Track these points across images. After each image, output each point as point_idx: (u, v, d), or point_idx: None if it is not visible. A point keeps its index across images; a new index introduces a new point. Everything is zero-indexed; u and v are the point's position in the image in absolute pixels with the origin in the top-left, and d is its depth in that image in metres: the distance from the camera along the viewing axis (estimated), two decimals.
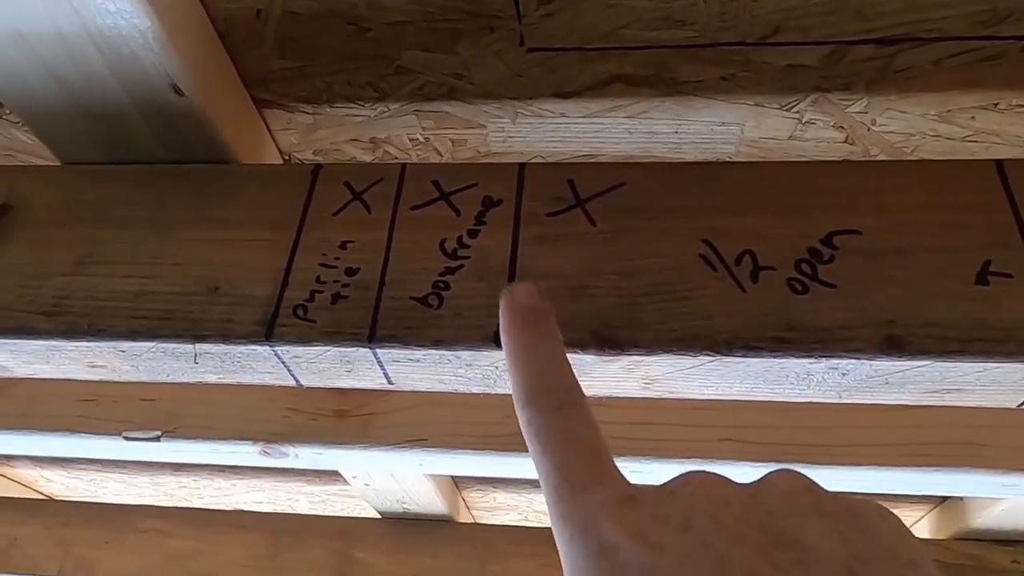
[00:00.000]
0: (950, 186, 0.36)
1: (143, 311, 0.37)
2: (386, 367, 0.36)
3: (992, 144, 0.43)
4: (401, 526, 1.00)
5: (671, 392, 0.36)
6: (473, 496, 1.12)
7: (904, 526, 0.23)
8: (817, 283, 0.34)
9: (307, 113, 0.45)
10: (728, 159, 0.45)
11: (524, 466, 0.46)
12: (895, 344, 0.32)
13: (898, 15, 0.36)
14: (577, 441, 0.27)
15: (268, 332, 0.35)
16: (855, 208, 0.36)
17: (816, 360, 0.32)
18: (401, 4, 0.38)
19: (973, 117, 0.41)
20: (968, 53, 0.37)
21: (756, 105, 0.41)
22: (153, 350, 0.37)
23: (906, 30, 0.37)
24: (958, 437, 0.43)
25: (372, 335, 0.35)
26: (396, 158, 0.47)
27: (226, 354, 0.36)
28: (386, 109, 0.44)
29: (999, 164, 0.36)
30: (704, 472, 0.25)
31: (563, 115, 0.43)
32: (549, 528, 0.26)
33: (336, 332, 0.35)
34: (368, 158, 0.48)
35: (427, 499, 0.93)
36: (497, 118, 0.44)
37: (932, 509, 0.98)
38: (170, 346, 0.36)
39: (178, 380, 0.40)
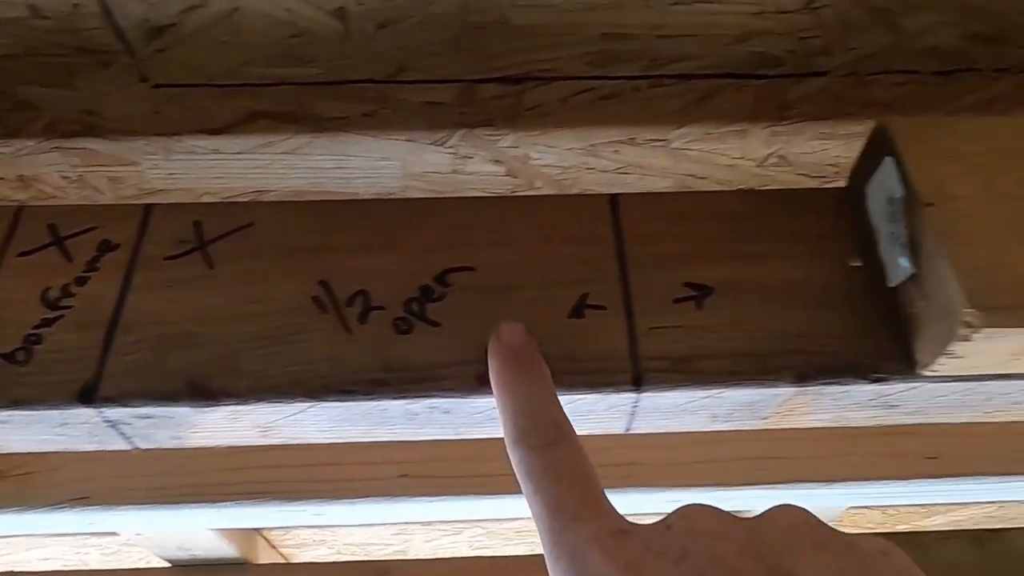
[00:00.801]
0: (564, 220, 0.37)
1: None
2: None
3: (644, 176, 0.45)
4: (193, 574, 0.94)
5: (290, 439, 0.35)
6: (275, 534, 1.07)
7: (912, 565, 0.23)
8: (423, 322, 0.34)
9: None
10: (398, 193, 0.45)
11: (187, 519, 0.44)
12: (486, 382, 0.32)
13: (516, 55, 0.37)
14: (568, 476, 0.26)
15: None
16: (474, 244, 0.36)
17: (412, 400, 0.32)
18: (2, 38, 0.35)
19: (616, 151, 0.43)
20: (587, 92, 0.39)
21: (408, 140, 0.41)
22: None
23: (526, 69, 0.38)
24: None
25: None
26: (53, 196, 0.44)
27: None
28: (23, 146, 0.41)
29: (613, 198, 0.38)
30: (702, 505, 0.25)
31: (217, 151, 0.42)
32: (357, 561, 0.24)
33: None
34: (22, 196, 0.44)
35: (211, 543, 0.88)
36: (149, 155, 0.42)
37: None
38: None
39: None
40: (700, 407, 0.34)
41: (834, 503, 0.46)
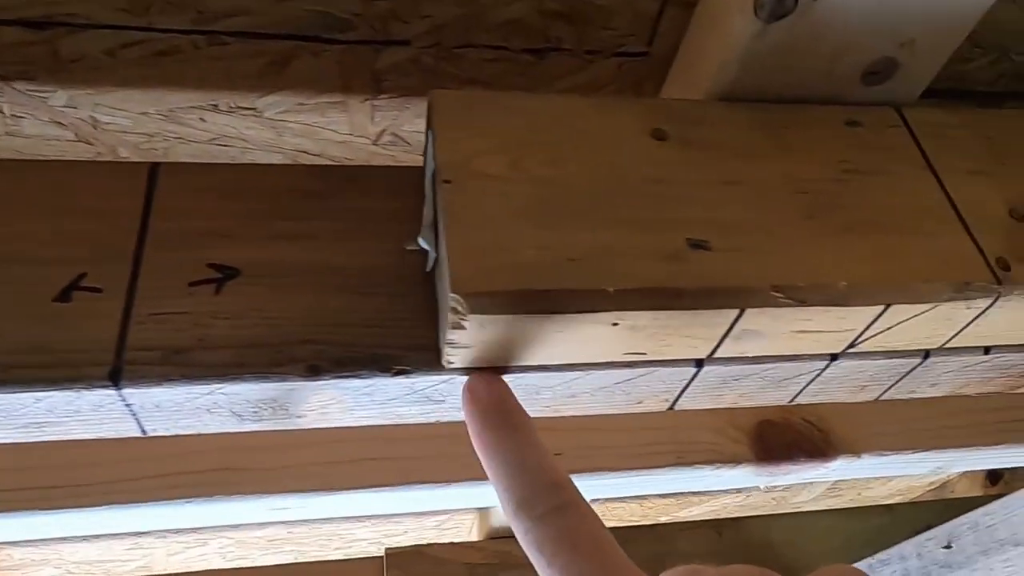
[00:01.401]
0: (91, 190, 0.32)
1: None
2: None
3: (247, 149, 0.41)
4: None
5: None
6: None
7: None
8: None
9: None
10: None
11: None
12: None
13: None
14: (585, 544, 0.25)
15: None
16: None
17: None
18: None
19: (203, 119, 0.38)
20: (136, 46, 0.34)
21: None
22: None
23: (44, 12, 0.32)
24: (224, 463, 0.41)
25: None
26: None
27: None
28: None
29: (153, 167, 0.33)
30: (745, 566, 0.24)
31: None
32: None
33: None
34: None
35: None
36: None
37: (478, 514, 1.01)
38: None
39: None
40: (213, 404, 0.30)
41: (456, 503, 0.44)
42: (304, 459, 0.41)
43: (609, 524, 0.27)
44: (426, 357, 0.30)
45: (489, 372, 0.30)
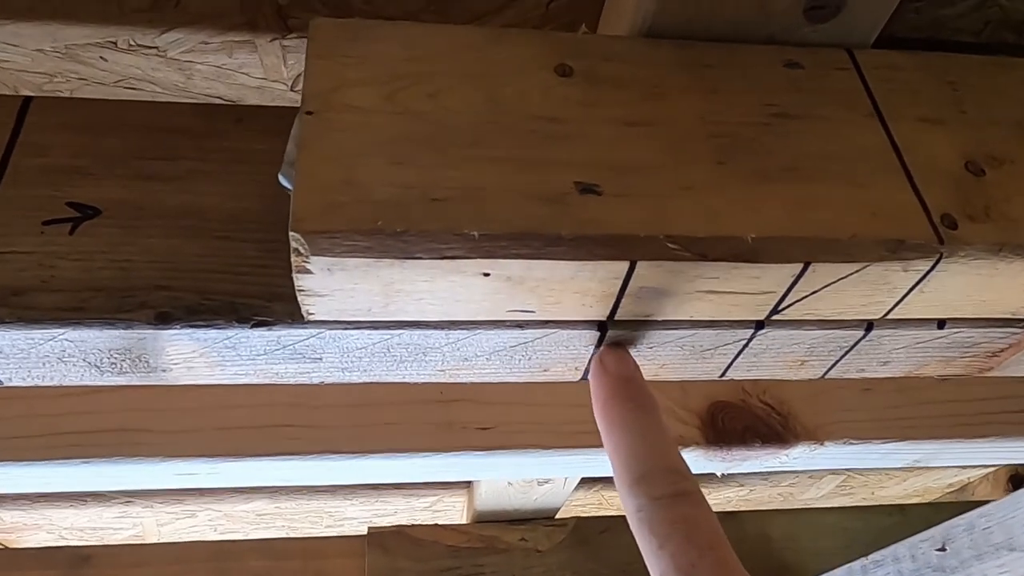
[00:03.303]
0: None
1: None
2: None
3: (158, 93, 0.38)
4: None
5: None
6: None
7: None
8: None
9: None
10: None
11: None
12: None
13: None
14: (700, 538, 0.24)
15: None
16: None
17: None
18: None
19: (104, 58, 0.36)
20: None
21: None
22: None
23: None
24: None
25: None
26: None
27: None
28: None
29: (25, 100, 0.31)
30: None
31: None
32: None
33: None
34: None
35: None
36: None
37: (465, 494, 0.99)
38: None
39: None
40: (63, 353, 0.28)
41: (352, 476, 0.41)
42: (213, 422, 0.39)
43: (605, 514, 0.25)
44: (289, 308, 0.27)
45: (622, 348, 0.30)
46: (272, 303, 0.27)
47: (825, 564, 0.88)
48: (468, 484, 0.97)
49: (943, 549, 0.59)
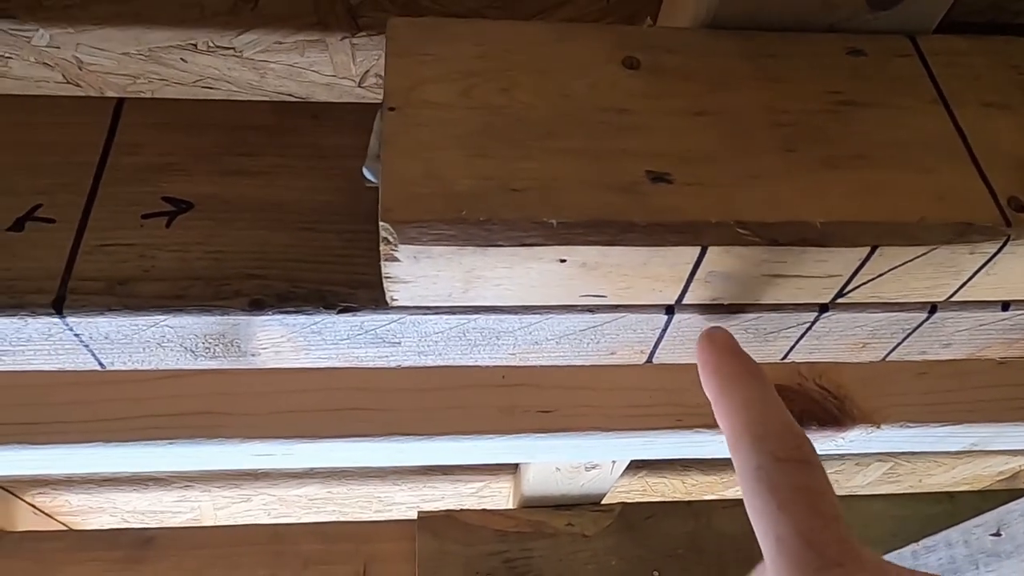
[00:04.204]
0: (60, 126, 0.32)
1: None
2: None
3: (233, 92, 0.40)
4: None
5: None
6: (44, 499, 1.00)
7: None
8: None
9: None
10: None
11: None
12: None
13: None
14: (826, 509, 0.23)
15: None
16: None
17: None
18: None
19: (184, 59, 0.38)
20: None
21: None
22: None
23: None
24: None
25: None
26: None
27: None
28: None
29: (119, 103, 0.33)
30: None
31: None
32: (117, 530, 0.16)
33: None
34: None
35: None
36: None
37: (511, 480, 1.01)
38: None
39: None
40: (162, 338, 0.30)
41: (418, 457, 0.43)
42: (289, 406, 0.41)
43: (650, 500, 0.25)
44: (372, 295, 0.29)
45: (726, 331, 0.29)
46: (356, 290, 0.29)
47: (872, 551, 0.88)
48: (514, 470, 0.99)
49: (998, 534, 0.58)
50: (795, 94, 0.30)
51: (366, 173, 0.29)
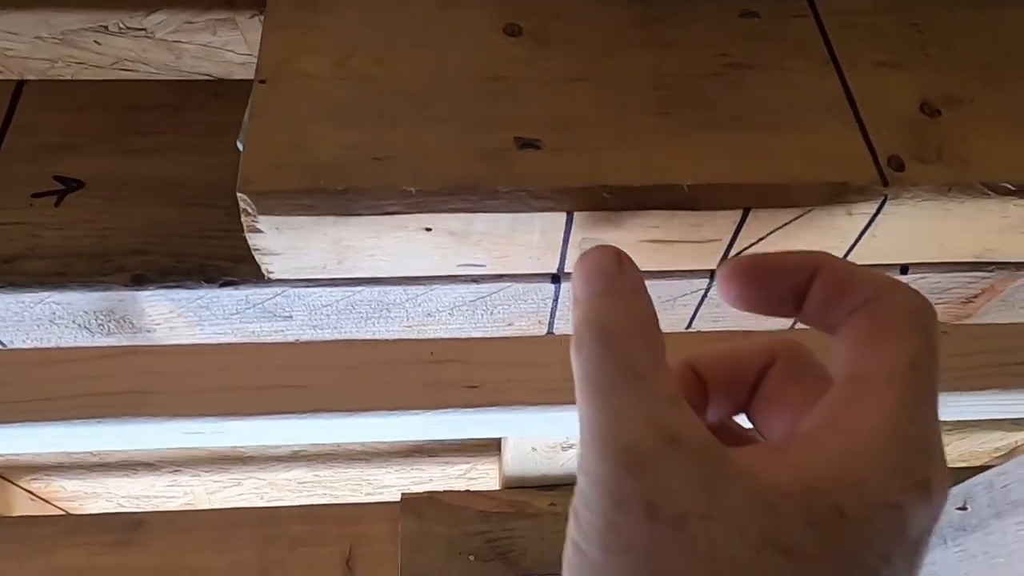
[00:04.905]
0: None
1: None
2: None
3: (152, 75, 0.40)
4: None
5: None
6: (39, 484, 1.03)
7: None
8: None
9: None
10: None
11: None
12: None
13: None
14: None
15: None
16: None
17: None
18: None
19: (98, 42, 0.38)
20: None
21: None
22: None
23: None
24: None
25: None
26: None
27: None
28: None
29: (19, 84, 0.33)
30: None
31: None
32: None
33: None
34: None
35: None
36: None
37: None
38: None
39: None
40: (52, 315, 0.30)
41: (345, 434, 0.43)
42: (217, 384, 0.41)
43: None
44: (255, 269, 0.29)
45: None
46: (239, 264, 0.29)
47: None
48: (499, 451, 0.99)
49: (964, 508, 0.58)
50: (683, 59, 0.29)
51: (239, 146, 0.29)
